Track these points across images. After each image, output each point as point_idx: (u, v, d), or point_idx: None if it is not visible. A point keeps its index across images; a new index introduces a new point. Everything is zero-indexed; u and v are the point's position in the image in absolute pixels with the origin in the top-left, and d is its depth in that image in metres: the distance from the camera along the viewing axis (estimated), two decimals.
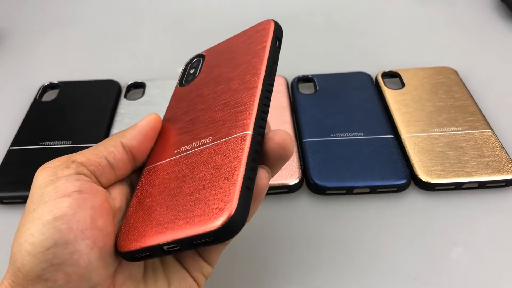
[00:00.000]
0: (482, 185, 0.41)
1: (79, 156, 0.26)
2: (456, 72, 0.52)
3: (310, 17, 0.66)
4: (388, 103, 0.49)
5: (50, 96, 0.53)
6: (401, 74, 0.52)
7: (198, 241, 0.22)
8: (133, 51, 0.62)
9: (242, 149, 0.24)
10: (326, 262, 0.37)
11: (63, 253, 0.22)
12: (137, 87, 0.54)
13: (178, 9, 0.69)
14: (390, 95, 0.50)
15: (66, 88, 0.53)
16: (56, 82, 0.54)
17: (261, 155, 0.26)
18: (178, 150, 0.28)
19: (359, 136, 0.45)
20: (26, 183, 0.42)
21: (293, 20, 0.65)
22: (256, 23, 0.32)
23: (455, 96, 0.49)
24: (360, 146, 0.44)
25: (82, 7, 0.71)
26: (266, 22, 0.31)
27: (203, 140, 0.27)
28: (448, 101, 0.48)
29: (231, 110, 0.27)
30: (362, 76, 0.52)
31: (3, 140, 0.47)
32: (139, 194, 0.27)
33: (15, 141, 0.46)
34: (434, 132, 0.45)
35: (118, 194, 0.27)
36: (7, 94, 0.55)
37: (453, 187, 0.41)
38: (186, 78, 0.34)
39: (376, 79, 0.52)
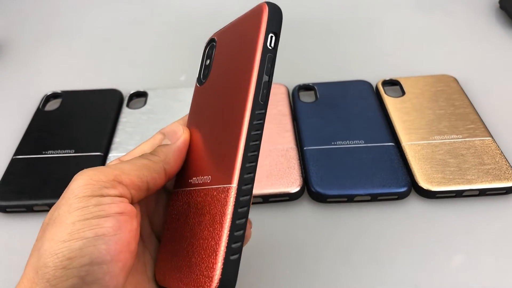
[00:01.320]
0: (482, 193, 0.41)
1: (125, 177, 0.25)
2: (456, 80, 0.52)
3: (311, 25, 0.67)
4: (388, 111, 0.49)
5: (53, 105, 0.53)
6: (402, 82, 0.52)
7: None
8: (134, 60, 0.63)
9: (225, 212, 0.23)
10: (327, 269, 0.37)
11: (97, 273, 0.22)
12: (139, 96, 0.54)
13: (180, 18, 0.69)
14: (391, 103, 0.50)
15: (68, 98, 0.54)
16: (59, 91, 0.54)
17: (249, 208, 0.24)
18: (191, 181, 0.28)
19: (360, 144, 0.45)
20: (29, 192, 0.42)
21: (294, 28, 0.65)
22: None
23: (455, 104, 0.49)
24: (361, 154, 0.44)
25: (85, 17, 0.72)
26: (258, 8, 0.26)
27: (204, 178, 0.26)
28: (448, 109, 0.48)
29: (222, 143, 0.26)
30: (362, 84, 0.53)
31: (6, 149, 0.48)
32: (169, 222, 0.29)
33: (19, 150, 0.47)
34: (435, 140, 0.45)
35: (139, 211, 0.28)
36: (11, 104, 0.55)
37: (454, 194, 0.41)
38: (203, 72, 0.31)
39: (376, 87, 0.53)
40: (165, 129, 0.30)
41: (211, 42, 0.31)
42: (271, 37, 0.25)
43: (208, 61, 0.30)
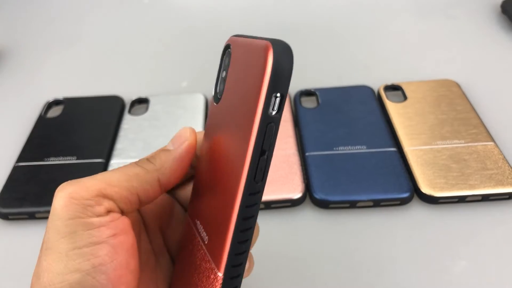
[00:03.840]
0: (485, 198, 0.41)
1: (111, 190, 0.23)
2: (458, 85, 0.52)
3: (312, 31, 0.67)
4: (390, 116, 0.49)
5: (55, 112, 0.53)
6: (403, 87, 0.52)
7: None
8: (136, 67, 0.63)
9: None
10: (330, 276, 0.37)
11: None
12: (141, 103, 0.54)
13: (181, 25, 0.70)
14: (393, 108, 0.50)
15: (70, 104, 0.54)
16: (61, 98, 0.54)
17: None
18: (197, 221, 0.25)
19: (362, 149, 0.45)
20: (31, 199, 0.42)
21: (296, 34, 0.66)
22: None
23: (457, 109, 0.49)
24: (363, 160, 0.44)
25: (86, 24, 0.72)
26: (262, 53, 0.20)
27: (203, 234, 0.24)
28: (450, 113, 0.48)
29: (218, 211, 0.23)
30: (364, 90, 0.53)
31: (8, 157, 0.48)
32: (182, 249, 0.27)
33: (21, 158, 0.47)
34: (437, 145, 0.45)
35: (132, 219, 0.25)
36: (13, 111, 0.56)
37: (456, 200, 0.41)
38: (219, 87, 0.25)
39: (378, 92, 0.53)
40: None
41: (226, 49, 0.25)
42: (275, 98, 0.20)
43: (224, 73, 0.24)
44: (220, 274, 0.22)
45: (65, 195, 0.22)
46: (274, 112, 0.20)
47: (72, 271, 0.21)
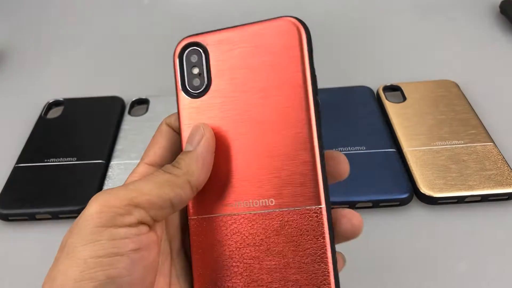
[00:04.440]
0: (484, 199, 0.41)
1: (142, 200, 0.23)
2: (457, 85, 0.52)
3: (312, 31, 0.67)
4: (389, 117, 0.49)
5: (55, 113, 0.53)
6: (402, 88, 0.52)
7: None
8: (136, 67, 0.63)
9: (323, 230, 0.24)
10: None
11: None
12: (141, 103, 0.54)
13: (181, 26, 0.70)
14: (392, 108, 0.50)
15: (70, 105, 0.54)
16: (61, 99, 0.55)
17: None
18: (233, 205, 0.26)
19: (361, 150, 0.45)
20: (31, 201, 0.42)
21: None
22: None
23: (456, 109, 0.49)
24: (362, 160, 0.44)
25: (87, 25, 0.72)
26: (292, 27, 0.26)
27: (265, 201, 0.25)
28: (449, 114, 0.48)
29: (289, 162, 0.25)
30: (363, 90, 0.53)
31: (9, 157, 0.48)
32: (201, 251, 0.26)
33: (21, 158, 0.47)
34: (436, 145, 0.45)
35: (159, 228, 0.25)
36: (13, 111, 0.56)
37: (456, 200, 0.41)
38: (190, 82, 0.27)
39: (377, 92, 0.53)
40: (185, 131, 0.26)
41: (193, 47, 0.27)
42: (311, 57, 0.25)
43: (195, 70, 0.27)
44: (323, 205, 0.24)
45: (98, 204, 0.22)
46: (313, 67, 0.25)
47: (87, 279, 0.21)
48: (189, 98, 0.27)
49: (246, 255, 0.25)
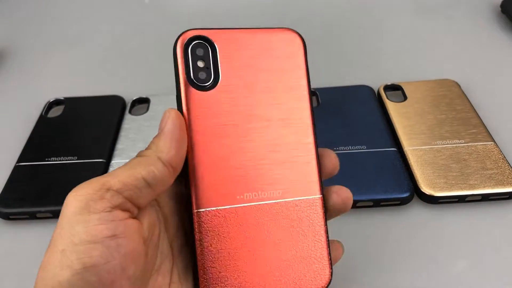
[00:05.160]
0: (485, 198, 0.41)
1: (114, 182, 0.23)
2: (458, 85, 0.52)
3: (311, 30, 0.67)
4: (390, 116, 0.49)
5: (55, 112, 0.53)
6: (403, 87, 0.52)
7: None
8: (137, 66, 0.63)
9: (321, 218, 0.28)
10: None
11: None
12: (142, 103, 0.54)
13: (182, 25, 0.70)
14: (393, 108, 0.50)
15: (71, 104, 0.54)
16: (62, 98, 0.54)
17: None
18: (242, 197, 0.26)
19: (362, 149, 0.45)
20: (32, 200, 0.42)
21: None
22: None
23: (457, 109, 0.49)
24: (363, 160, 0.44)
25: (87, 24, 0.72)
26: (293, 38, 0.30)
27: (273, 193, 0.27)
28: (450, 113, 0.48)
29: (292, 157, 0.28)
30: (364, 89, 0.53)
31: (9, 157, 0.48)
32: (207, 243, 0.26)
33: (22, 158, 0.47)
34: (437, 144, 0.45)
35: (147, 221, 0.25)
36: (14, 111, 0.56)
37: (456, 200, 0.41)
38: (196, 74, 0.27)
39: (378, 92, 0.53)
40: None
41: (201, 41, 0.28)
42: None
43: (201, 64, 0.27)
44: (320, 195, 0.28)
45: (72, 194, 0.22)
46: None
47: (64, 268, 0.21)
48: (195, 89, 0.27)
49: (252, 245, 0.26)
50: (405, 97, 0.51)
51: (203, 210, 0.26)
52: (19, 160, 0.46)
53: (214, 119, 0.27)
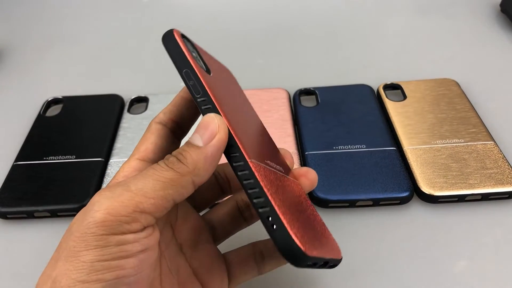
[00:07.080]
0: (485, 197, 0.41)
1: (147, 204, 0.22)
2: (457, 84, 0.52)
3: (311, 29, 0.67)
4: (390, 115, 0.49)
5: (54, 111, 0.53)
6: (403, 86, 0.52)
7: (331, 264, 0.26)
8: (135, 65, 0.63)
9: (308, 199, 0.30)
10: (328, 275, 0.37)
11: None
12: (140, 101, 0.54)
13: (180, 24, 0.69)
14: (392, 107, 0.50)
15: (69, 103, 0.54)
16: (60, 97, 0.54)
17: None
18: (268, 162, 0.26)
19: (362, 148, 0.45)
20: (30, 199, 0.42)
21: (295, 33, 0.65)
22: (257, 36, 0.31)
23: (457, 108, 0.49)
24: (362, 159, 0.44)
25: (85, 23, 0.72)
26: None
27: (280, 168, 0.28)
28: (450, 113, 0.48)
29: (269, 141, 0.31)
30: (363, 89, 0.53)
31: (7, 156, 0.48)
32: (274, 189, 0.24)
33: (20, 156, 0.46)
34: (436, 144, 0.45)
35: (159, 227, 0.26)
36: (12, 110, 0.55)
37: (456, 199, 0.41)
38: (199, 63, 0.28)
39: (377, 91, 0.53)
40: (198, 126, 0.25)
41: (187, 38, 0.29)
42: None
43: (194, 53, 0.28)
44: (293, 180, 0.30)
45: (103, 212, 0.22)
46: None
47: (94, 280, 0.21)
48: (205, 72, 0.27)
49: (296, 205, 0.26)
50: (404, 96, 0.51)
51: (255, 161, 0.24)
52: (17, 159, 0.46)
53: (225, 99, 0.27)
